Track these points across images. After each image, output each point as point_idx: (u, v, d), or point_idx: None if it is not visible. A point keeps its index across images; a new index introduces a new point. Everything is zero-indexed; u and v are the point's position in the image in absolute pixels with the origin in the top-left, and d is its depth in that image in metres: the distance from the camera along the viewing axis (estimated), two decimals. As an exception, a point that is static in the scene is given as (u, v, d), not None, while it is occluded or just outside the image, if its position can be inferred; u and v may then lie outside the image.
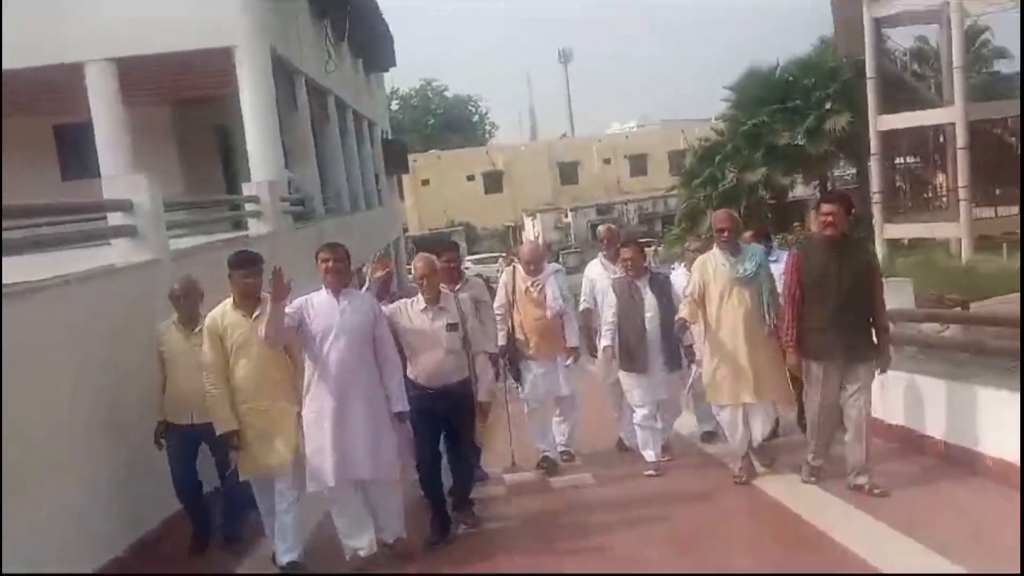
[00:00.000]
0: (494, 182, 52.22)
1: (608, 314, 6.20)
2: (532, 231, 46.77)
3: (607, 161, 53.02)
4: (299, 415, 4.79)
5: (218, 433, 4.79)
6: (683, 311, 5.65)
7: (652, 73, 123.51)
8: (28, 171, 12.40)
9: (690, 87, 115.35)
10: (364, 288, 5.52)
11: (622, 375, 6.23)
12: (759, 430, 5.69)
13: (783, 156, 28.24)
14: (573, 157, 53.13)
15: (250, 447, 4.80)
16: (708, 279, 5.56)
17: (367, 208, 17.81)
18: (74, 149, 12.85)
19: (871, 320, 5.18)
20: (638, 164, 52.73)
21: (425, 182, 49.99)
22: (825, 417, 5.26)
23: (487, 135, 66.06)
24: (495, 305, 6.50)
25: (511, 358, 6.52)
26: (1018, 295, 12.88)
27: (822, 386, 5.19)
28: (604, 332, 6.19)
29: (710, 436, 6.87)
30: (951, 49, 23.98)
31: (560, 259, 30.45)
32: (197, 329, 5.07)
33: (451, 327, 5.09)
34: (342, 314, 4.68)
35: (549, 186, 51.64)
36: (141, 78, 11.13)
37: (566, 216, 48.36)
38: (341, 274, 4.73)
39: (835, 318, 5.09)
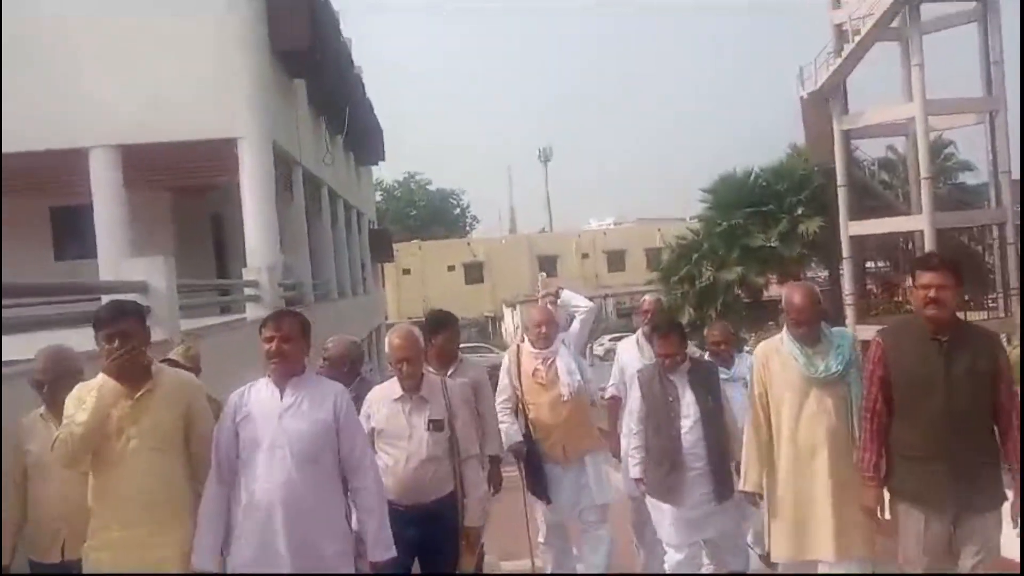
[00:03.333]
0: (475, 273, 52.81)
1: (633, 421, 4.63)
2: (511, 322, 47.07)
3: (585, 256, 53.97)
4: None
5: None
6: (748, 479, 4.02)
7: (627, 174, 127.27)
8: (22, 251, 12.56)
9: (664, 189, 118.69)
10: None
11: (649, 501, 4.66)
12: None
13: (757, 257, 29.02)
14: (552, 251, 54.03)
15: None
16: (772, 378, 3.94)
17: (353, 295, 18.06)
18: (69, 231, 13.08)
19: (999, 444, 3.45)
20: (616, 259, 53.74)
21: (406, 271, 50.37)
22: None
23: (468, 228, 67.08)
24: (497, 392, 5.06)
25: (528, 461, 4.97)
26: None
27: (924, 543, 3.43)
28: (630, 452, 4.68)
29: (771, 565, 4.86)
30: (918, 160, 25.12)
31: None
32: None
33: (434, 425, 3.86)
34: (282, 417, 3.26)
35: (528, 278, 52.23)
36: (144, 165, 11.45)
37: (545, 309, 48.84)
38: (287, 358, 3.29)
39: (943, 441, 3.40)
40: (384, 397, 3.95)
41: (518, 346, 5.17)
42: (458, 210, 67.52)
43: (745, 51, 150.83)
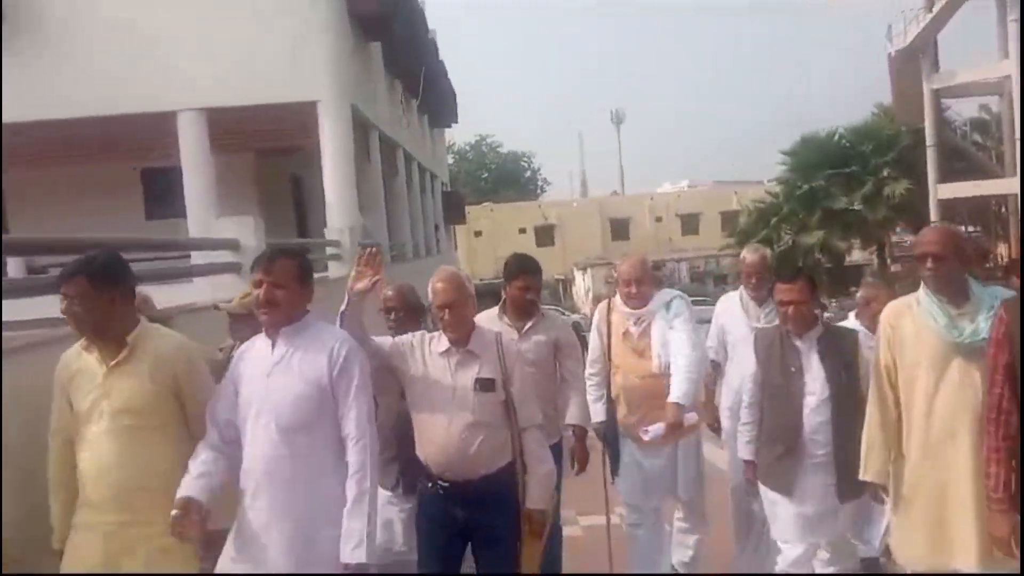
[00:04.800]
0: (546, 235, 52.79)
1: (745, 390, 3.90)
2: (582, 285, 47.04)
3: (658, 219, 53.32)
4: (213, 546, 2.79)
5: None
6: (869, 467, 3.27)
7: (702, 136, 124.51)
8: (114, 210, 13.12)
9: (740, 151, 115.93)
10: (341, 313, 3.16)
11: (762, 488, 3.87)
12: None
13: (840, 220, 28.28)
14: (624, 214, 53.55)
15: None
16: (903, 343, 3.16)
17: (427, 256, 18.33)
18: (159, 191, 13.57)
19: None
20: (690, 223, 52.92)
21: (478, 233, 50.71)
22: None
23: (539, 190, 66.99)
24: (588, 360, 4.35)
25: (609, 437, 4.30)
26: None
27: None
28: (740, 428, 3.94)
29: (872, 565, 4.25)
30: (1013, 121, 23.95)
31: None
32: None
33: (482, 385, 3.16)
34: (270, 375, 2.74)
35: (600, 241, 51.99)
36: (229, 127, 11.77)
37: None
38: (277, 307, 2.72)
39: None
40: (429, 347, 3.23)
41: (609, 300, 4.41)
42: (529, 173, 67.42)
43: (832, 6, 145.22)
